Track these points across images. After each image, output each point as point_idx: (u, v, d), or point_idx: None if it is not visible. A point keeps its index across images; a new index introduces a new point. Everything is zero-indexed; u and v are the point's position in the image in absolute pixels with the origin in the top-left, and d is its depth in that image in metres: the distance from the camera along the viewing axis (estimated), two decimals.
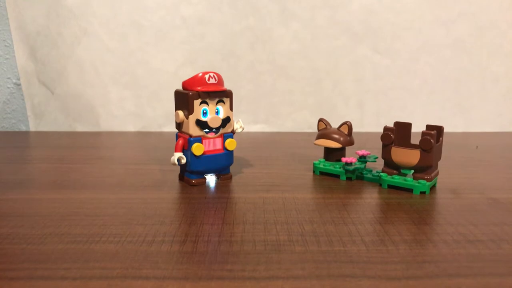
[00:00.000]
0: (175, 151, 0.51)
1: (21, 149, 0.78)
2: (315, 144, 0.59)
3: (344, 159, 0.55)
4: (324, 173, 0.58)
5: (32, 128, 0.94)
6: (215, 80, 0.52)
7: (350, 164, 0.55)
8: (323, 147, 0.59)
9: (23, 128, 0.95)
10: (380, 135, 0.52)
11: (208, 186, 0.53)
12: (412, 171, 0.52)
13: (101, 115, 0.93)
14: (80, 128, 0.94)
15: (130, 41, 0.89)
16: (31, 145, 0.84)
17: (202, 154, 0.51)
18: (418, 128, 0.53)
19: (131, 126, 0.94)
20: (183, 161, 0.51)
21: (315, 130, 0.62)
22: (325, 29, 0.89)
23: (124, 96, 0.92)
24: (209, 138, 0.52)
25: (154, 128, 0.94)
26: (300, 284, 0.30)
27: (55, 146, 0.80)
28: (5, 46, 0.91)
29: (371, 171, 0.56)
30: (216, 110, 0.52)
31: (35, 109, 0.93)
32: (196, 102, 0.50)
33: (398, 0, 0.88)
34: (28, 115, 0.94)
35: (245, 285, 0.30)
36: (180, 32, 0.89)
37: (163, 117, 0.93)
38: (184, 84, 0.52)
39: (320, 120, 0.61)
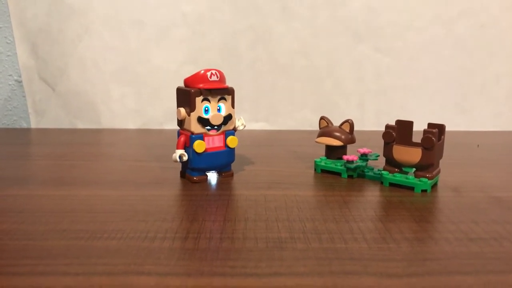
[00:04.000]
0: (177, 148, 0.51)
1: (22, 146, 0.78)
2: (316, 142, 0.59)
3: (345, 157, 0.55)
4: (325, 171, 0.58)
5: (33, 125, 0.94)
6: (217, 77, 0.52)
7: (352, 162, 0.55)
8: (324, 145, 0.59)
9: (24, 125, 0.95)
10: (382, 133, 0.52)
11: (210, 183, 0.53)
12: (414, 169, 0.52)
13: (102, 112, 0.93)
14: (81, 125, 0.94)
15: (131, 38, 0.89)
16: (32, 142, 0.84)
17: (204, 151, 0.51)
18: (419, 127, 0.53)
19: (131, 124, 0.94)
20: (185, 158, 0.51)
21: (316, 128, 0.61)
22: (326, 27, 0.89)
23: (125, 94, 0.92)
24: (210, 135, 0.52)
25: (154, 125, 0.94)
26: (302, 280, 0.30)
27: (56, 143, 0.80)
28: (7, 43, 0.91)
29: (372, 169, 0.56)
30: (218, 108, 0.52)
31: (36, 106, 0.93)
32: (198, 100, 0.50)
33: None
34: (29, 112, 0.94)
35: (247, 282, 0.30)
36: (181, 30, 0.89)
37: (163, 115, 0.93)
38: (186, 81, 0.52)
39: (322, 118, 0.61)
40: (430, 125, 0.52)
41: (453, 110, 0.94)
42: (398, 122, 0.53)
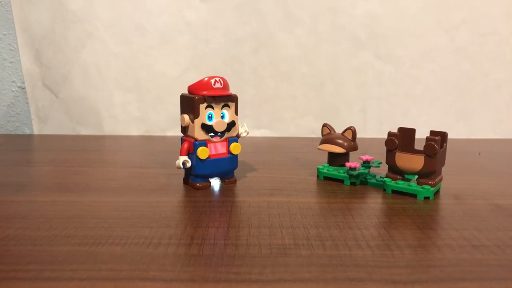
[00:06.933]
0: (180, 155, 0.52)
1: (25, 152, 0.78)
2: (319, 149, 0.59)
3: (348, 164, 0.55)
4: (328, 178, 0.58)
5: (36, 131, 0.95)
6: (221, 84, 0.52)
7: (354, 169, 0.55)
8: (327, 152, 0.59)
9: (27, 131, 0.95)
10: (384, 140, 0.52)
11: (213, 190, 0.53)
12: (416, 176, 0.52)
13: (105, 118, 0.93)
14: (83, 131, 0.94)
15: (134, 45, 0.89)
16: (35, 148, 0.84)
17: (207, 158, 0.52)
18: (421, 134, 0.53)
19: (134, 130, 0.94)
20: (188, 164, 0.52)
21: (319, 135, 0.62)
22: (328, 34, 0.90)
23: (128, 100, 0.92)
24: (214, 142, 0.53)
25: (157, 132, 0.94)
26: (307, 287, 0.30)
27: (59, 149, 0.80)
28: (11, 49, 0.92)
29: (375, 176, 0.56)
30: (222, 114, 0.53)
31: (39, 113, 0.94)
32: (202, 106, 0.51)
33: (401, 6, 0.89)
34: (32, 118, 0.94)
35: None
36: (184, 37, 0.89)
37: (166, 122, 0.93)
38: (190, 88, 0.52)
39: (324, 125, 0.61)
40: (433, 133, 0.52)
41: (454, 118, 0.94)
42: (401, 129, 0.53)
